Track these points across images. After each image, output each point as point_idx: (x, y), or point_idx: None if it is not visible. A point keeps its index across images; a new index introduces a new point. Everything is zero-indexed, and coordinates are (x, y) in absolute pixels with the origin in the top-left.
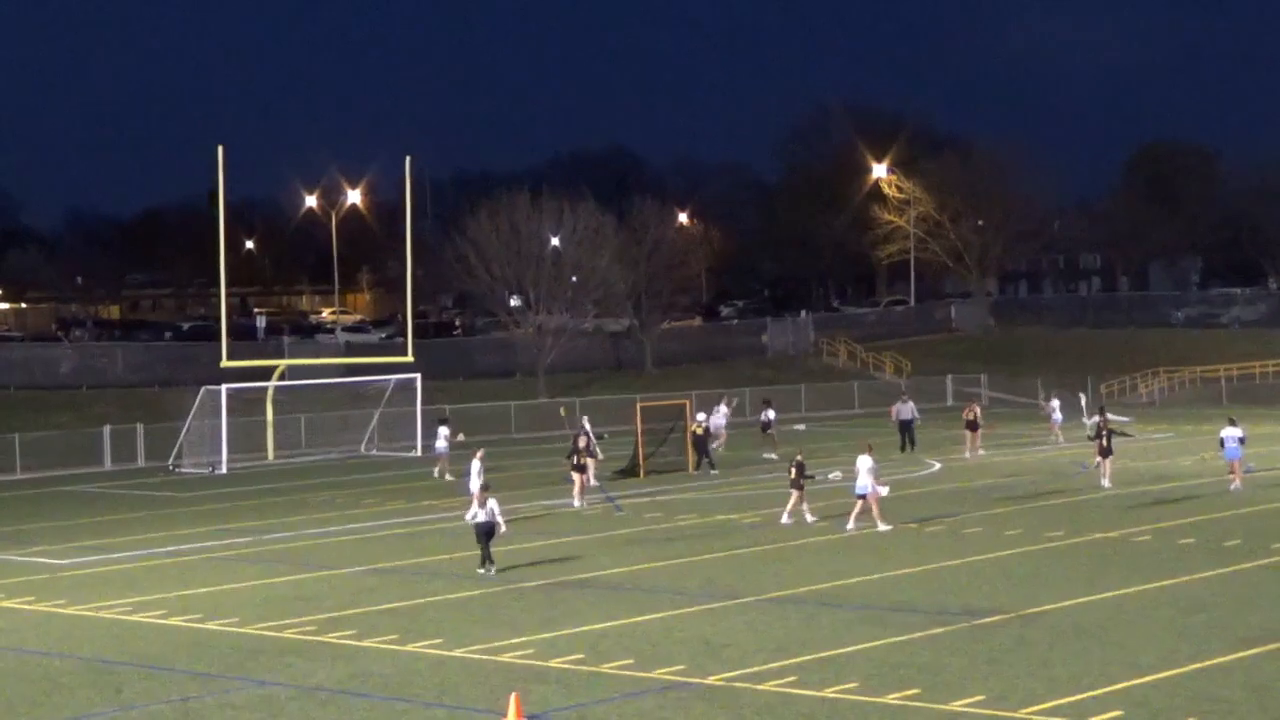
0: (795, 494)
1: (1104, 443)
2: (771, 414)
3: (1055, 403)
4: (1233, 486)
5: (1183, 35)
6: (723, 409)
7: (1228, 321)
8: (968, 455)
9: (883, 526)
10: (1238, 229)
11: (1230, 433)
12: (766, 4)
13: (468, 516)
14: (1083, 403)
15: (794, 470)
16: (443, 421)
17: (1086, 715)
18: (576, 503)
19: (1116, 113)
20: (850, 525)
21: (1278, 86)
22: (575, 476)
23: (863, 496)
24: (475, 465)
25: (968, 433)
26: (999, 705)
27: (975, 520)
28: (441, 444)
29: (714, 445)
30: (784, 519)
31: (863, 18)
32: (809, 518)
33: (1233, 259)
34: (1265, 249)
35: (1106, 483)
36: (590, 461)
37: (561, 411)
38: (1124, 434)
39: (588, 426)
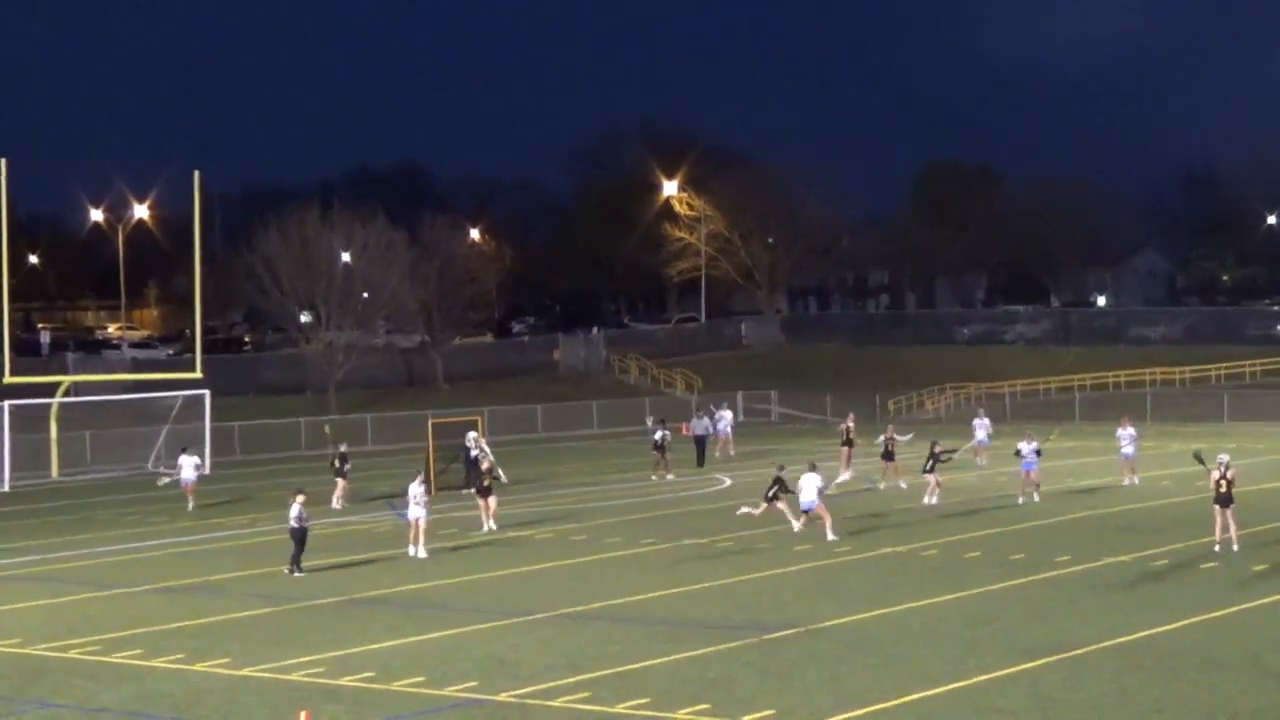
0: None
1: (928, 464)
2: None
3: (983, 420)
4: (1020, 500)
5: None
6: (726, 414)
7: (1012, 339)
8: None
9: (831, 536)
10: (1019, 247)
11: (1025, 446)
12: (559, 22)
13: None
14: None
15: (774, 485)
16: (185, 450)
17: None
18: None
19: (911, 130)
20: (831, 536)
21: (1053, 108)
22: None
23: (808, 511)
24: (414, 490)
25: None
26: (789, 719)
27: (764, 536)
28: (189, 473)
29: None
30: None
31: (654, 35)
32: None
33: (1016, 277)
34: (1046, 267)
35: (929, 500)
36: (341, 482)
37: (325, 430)
38: (950, 454)
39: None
